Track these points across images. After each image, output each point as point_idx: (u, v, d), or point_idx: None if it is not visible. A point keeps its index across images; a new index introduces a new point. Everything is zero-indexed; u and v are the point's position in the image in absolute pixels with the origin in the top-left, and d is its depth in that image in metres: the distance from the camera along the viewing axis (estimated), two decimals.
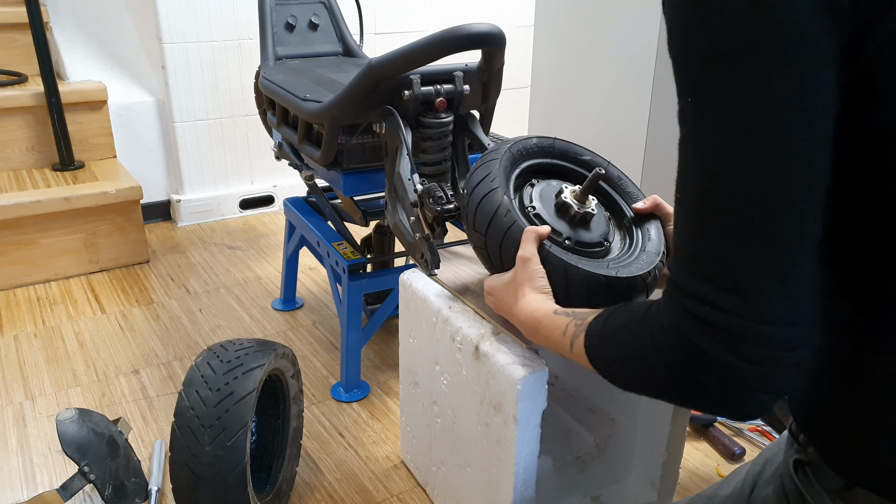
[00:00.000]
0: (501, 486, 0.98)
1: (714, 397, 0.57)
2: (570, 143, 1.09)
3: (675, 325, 0.57)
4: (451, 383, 1.06)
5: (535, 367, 0.91)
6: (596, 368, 0.70)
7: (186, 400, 1.02)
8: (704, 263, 0.55)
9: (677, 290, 0.57)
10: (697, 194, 0.55)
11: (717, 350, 0.55)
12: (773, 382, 0.55)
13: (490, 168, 1.00)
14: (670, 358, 0.58)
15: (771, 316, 0.53)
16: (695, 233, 0.56)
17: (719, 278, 0.54)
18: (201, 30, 2.25)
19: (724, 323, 0.54)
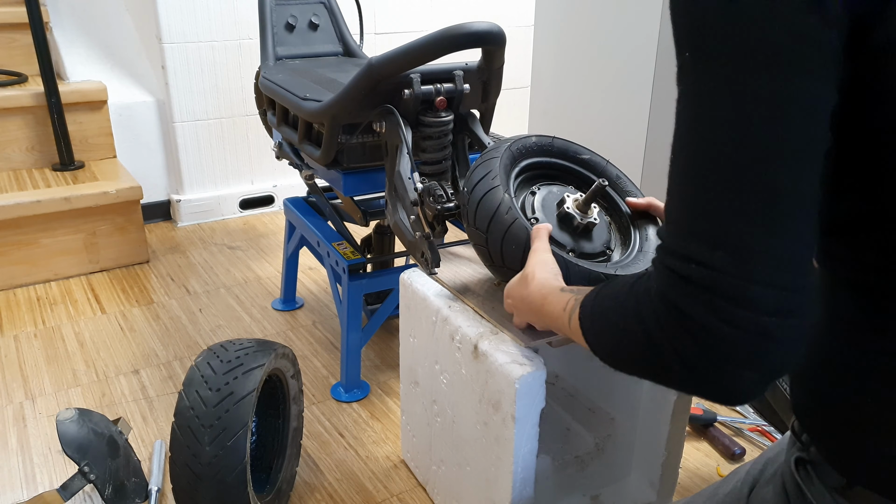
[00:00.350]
0: (500, 485, 0.98)
1: (696, 370, 0.53)
2: (569, 142, 1.09)
3: (660, 287, 0.54)
4: (451, 382, 1.06)
5: (534, 366, 0.91)
6: (586, 341, 0.67)
7: (186, 400, 1.02)
8: (693, 220, 0.52)
9: (664, 252, 0.55)
10: (691, 150, 0.53)
11: (698, 311, 0.51)
12: (761, 355, 0.50)
13: (491, 166, 1.00)
14: (651, 322, 0.55)
15: (760, 275, 0.49)
16: (686, 190, 0.54)
17: (707, 233, 0.51)
18: (201, 30, 2.25)
19: (708, 280, 0.50)
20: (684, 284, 0.52)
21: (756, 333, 0.50)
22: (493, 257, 0.99)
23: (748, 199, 0.50)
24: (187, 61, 2.27)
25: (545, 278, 0.87)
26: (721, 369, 0.52)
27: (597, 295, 0.67)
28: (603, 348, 0.65)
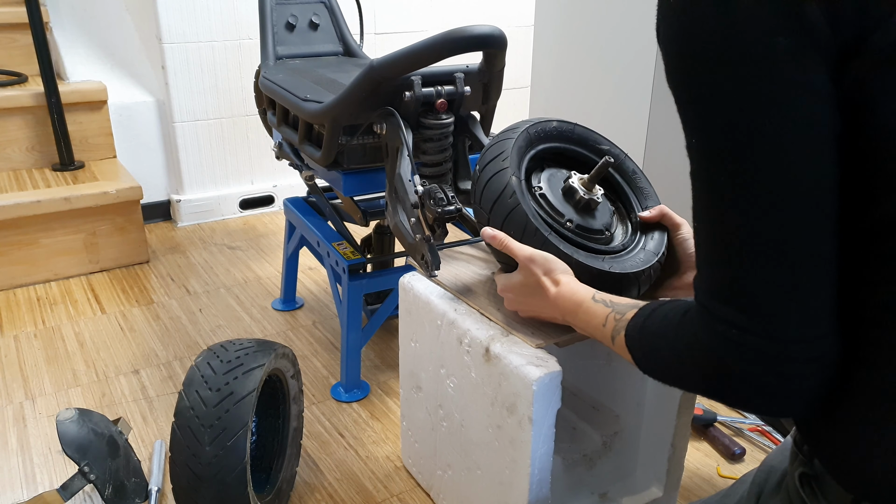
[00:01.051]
0: (515, 488, 0.97)
1: (751, 404, 0.60)
2: (591, 131, 1.10)
3: (708, 343, 0.60)
4: (459, 386, 1.06)
5: (550, 367, 0.90)
6: (640, 367, 0.73)
7: (186, 400, 1.02)
8: (725, 288, 0.58)
9: (705, 310, 0.60)
10: (712, 224, 0.58)
11: (746, 369, 0.57)
12: (803, 390, 0.58)
13: (504, 147, 1.01)
14: (707, 369, 0.61)
15: (794, 334, 0.56)
16: (713, 258, 0.59)
17: (741, 303, 0.57)
18: (201, 30, 2.25)
19: (750, 344, 0.56)
20: (729, 345, 0.58)
21: (797, 378, 0.57)
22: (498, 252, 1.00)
23: (774, 271, 0.55)
24: (187, 61, 2.27)
25: (571, 282, 0.90)
26: (772, 402, 0.59)
27: (642, 330, 0.72)
28: (663, 377, 0.70)
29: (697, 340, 0.61)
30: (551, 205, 1.00)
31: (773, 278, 0.55)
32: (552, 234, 0.95)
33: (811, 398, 0.59)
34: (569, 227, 0.99)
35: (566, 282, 0.90)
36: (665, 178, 2.03)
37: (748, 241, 0.55)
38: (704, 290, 0.60)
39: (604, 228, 1.02)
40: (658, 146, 2.29)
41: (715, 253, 0.58)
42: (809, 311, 0.56)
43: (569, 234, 0.98)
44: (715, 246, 0.58)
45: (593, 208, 1.02)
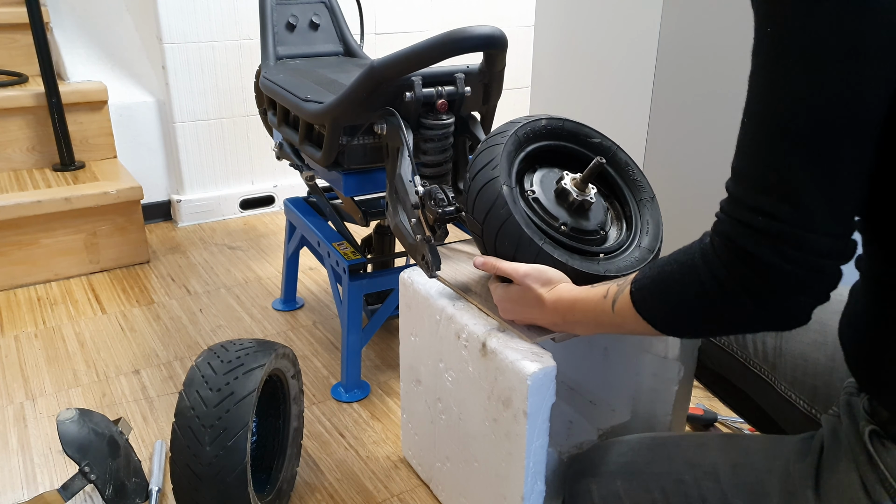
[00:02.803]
0: (511, 480, 0.99)
1: (766, 303, 0.63)
2: (581, 125, 1.09)
3: (727, 234, 0.64)
4: (457, 380, 1.07)
5: (545, 362, 0.91)
6: (641, 312, 0.74)
7: (187, 400, 1.02)
8: (763, 177, 0.61)
9: (732, 203, 0.64)
10: (765, 115, 0.61)
11: (767, 254, 0.61)
12: (816, 286, 0.62)
13: (493, 153, 1.00)
14: (718, 266, 0.65)
15: (820, 227, 0.60)
16: (757, 149, 0.62)
17: (776, 190, 0.60)
18: (202, 30, 2.25)
19: (776, 230, 0.60)
20: (753, 232, 0.62)
21: (814, 271, 0.61)
22: (487, 249, 1.00)
23: (816, 166, 0.59)
24: (188, 61, 2.27)
25: (566, 286, 0.90)
26: (784, 297, 0.63)
27: (650, 268, 0.75)
28: (664, 313, 0.73)
29: (712, 244, 0.65)
30: (545, 209, 1.00)
31: (815, 171, 0.59)
32: (546, 242, 0.95)
33: (816, 296, 0.63)
34: (563, 230, 0.99)
35: (562, 286, 0.91)
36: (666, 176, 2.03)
37: (798, 130, 0.58)
38: (737, 182, 0.64)
39: (598, 228, 1.02)
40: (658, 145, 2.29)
41: (760, 142, 0.61)
42: (840, 211, 0.60)
43: (563, 240, 0.98)
44: (761, 135, 0.61)
45: (587, 209, 1.02)
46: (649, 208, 1.06)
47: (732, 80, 1.84)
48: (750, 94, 0.62)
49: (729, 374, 1.01)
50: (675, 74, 2.18)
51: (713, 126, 1.96)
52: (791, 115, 0.59)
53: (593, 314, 0.83)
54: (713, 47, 2.04)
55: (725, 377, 1.03)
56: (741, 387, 1.00)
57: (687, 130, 2.17)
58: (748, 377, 0.97)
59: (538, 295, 0.91)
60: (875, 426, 0.66)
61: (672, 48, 2.16)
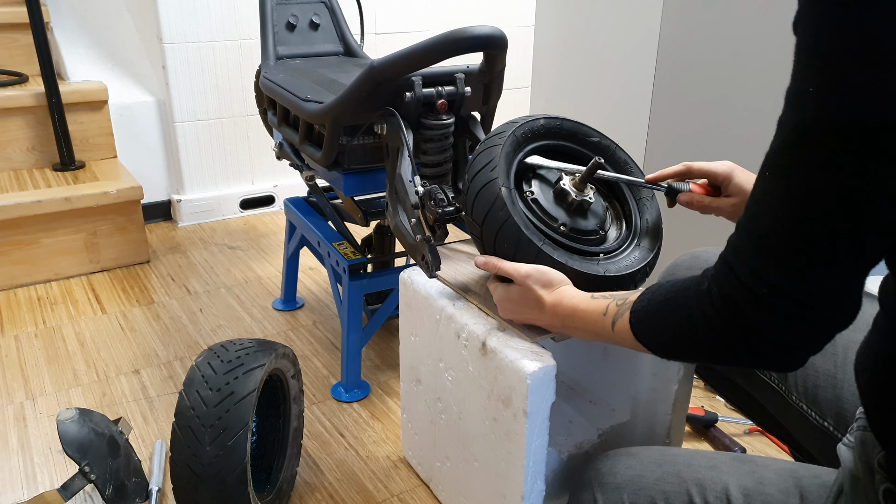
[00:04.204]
0: (511, 479, 0.99)
1: (757, 352, 0.63)
2: (580, 125, 1.09)
3: (727, 293, 0.62)
4: (457, 379, 1.07)
5: (544, 361, 0.92)
6: (640, 341, 0.75)
7: (187, 400, 1.02)
8: (777, 248, 0.59)
9: (738, 261, 0.62)
10: (791, 187, 0.57)
11: (766, 323, 0.60)
12: (814, 346, 0.62)
13: (492, 155, 1.00)
14: (716, 322, 0.64)
15: (827, 306, 0.58)
16: (777, 219, 0.59)
17: (786, 265, 0.58)
18: (202, 30, 2.25)
19: (779, 304, 0.59)
20: (755, 299, 0.60)
21: (815, 337, 0.61)
22: (487, 250, 1.00)
23: (835, 253, 0.56)
24: (188, 61, 2.27)
25: (568, 290, 0.91)
26: (781, 354, 0.62)
27: (650, 300, 0.75)
28: (664, 345, 0.73)
29: (710, 293, 0.64)
30: (544, 210, 1.00)
31: (831, 256, 0.57)
32: (545, 243, 0.95)
33: (814, 351, 0.63)
34: (562, 231, 0.99)
35: (563, 289, 0.91)
36: None
37: (825, 216, 0.56)
38: (749, 242, 0.61)
39: (597, 228, 1.02)
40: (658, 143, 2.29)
41: (782, 214, 0.58)
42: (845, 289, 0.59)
43: (562, 240, 0.98)
44: (785, 207, 0.58)
45: (586, 209, 1.01)
46: (649, 207, 1.06)
47: (732, 80, 1.84)
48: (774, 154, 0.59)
49: (736, 377, 1.00)
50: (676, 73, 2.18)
51: (713, 125, 1.96)
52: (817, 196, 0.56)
53: (592, 327, 0.84)
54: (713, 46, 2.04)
55: (732, 379, 1.02)
56: (749, 390, 0.99)
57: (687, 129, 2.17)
58: (756, 382, 0.96)
59: (538, 296, 0.91)
60: (890, 484, 0.64)
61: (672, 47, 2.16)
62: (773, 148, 0.59)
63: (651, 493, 0.77)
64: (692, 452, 0.82)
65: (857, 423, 0.70)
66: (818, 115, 0.54)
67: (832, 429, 0.86)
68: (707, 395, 1.54)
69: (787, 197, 0.58)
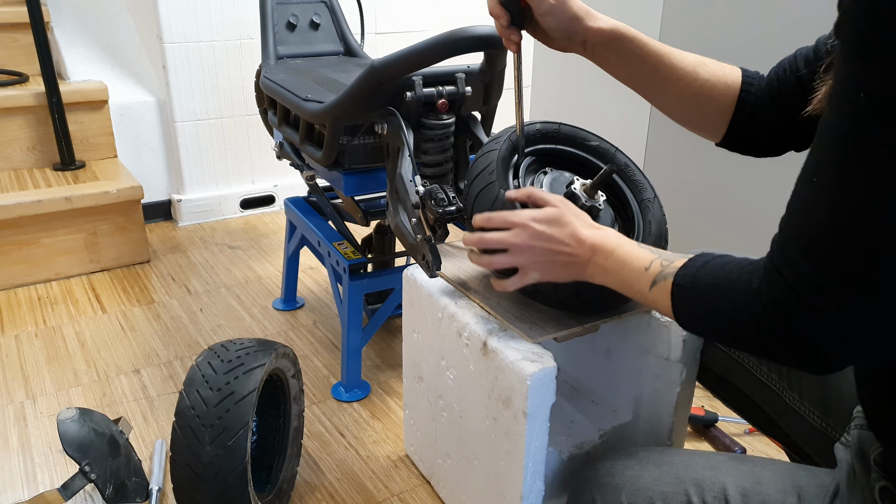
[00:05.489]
0: (510, 479, 0.99)
1: (798, 359, 0.61)
2: (577, 129, 1.09)
3: (774, 294, 0.60)
4: (458, 378, 1.07)
5: (545, 363, 0.92)
6: (676, 315, 0.73)
7: (187, 399, 1.02)
8: (823, 248, 0.57)
9: (784, 262, 0.60)
10: (839, 182, 0.55)
11: (810, 326, 0.58)
12: (854, 357, 0.60)
13: (489, 159, 1.00)
14: (764, 322, 0.62)
15: (870, 309, 0.56)
16: (823, 217, 0.57)
17: (833, 266, 0.56)
18: (202, 29, 2.25)
19: (825, 306, 0.57)
20: (800, 301, 0.58)
21: (855, 345, 0.58)
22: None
23: (881, 252, 0.54)
24: (188, 61, 2.27)
25: (614, 232, 0.85)
26: (820, 360, 0.60)
27: (695, 278, 0.71)
28: (702, 329, 0.71)
29: (760, 292, 0.62)
30: None
31: (878, 255, 0.55)
32: None
33: (853, 362, 0.61)
34: None
35: (608, 231, 0.85)
36: (666, 177, 2.03)
37: (873, 215, 0.54)
38: (795, 242, 0.59)
39: None
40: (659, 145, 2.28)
41: (829, 210, 0.56)
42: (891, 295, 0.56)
43: None
44: (833, 203, 0.56)
45: (595, 215, 1.01)
46: (651, 209, 1.06)
47: None
48: (823, 147, 0.57)
49: (733, 379, 1.00)
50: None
51: None
52: (866, 191, 0.54)
53: (627, 277, 0.79)
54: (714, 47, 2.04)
55: (729, 380, 1.02)
56: (746, 391, 0.99)
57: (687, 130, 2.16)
58: (754, 384, 0.96)
59: (572, 223, 0.85)
60: (886, 482, 0.64)
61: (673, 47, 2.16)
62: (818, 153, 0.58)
63: (649, 494, 0.77)
64: (690, 453, 0.82)
65: (854, 423, 0.70)
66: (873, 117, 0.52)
67: (829, 429, 0.86)
68: (707, 395, 1.54)
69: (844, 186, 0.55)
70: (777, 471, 0.75)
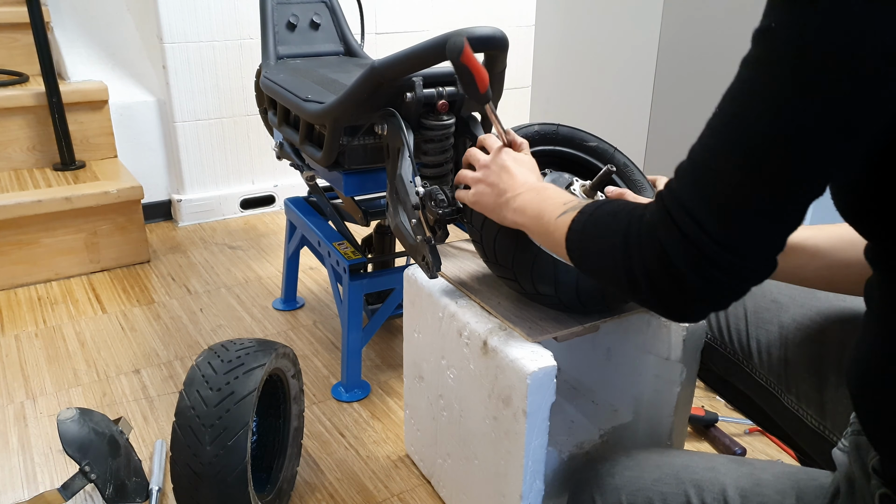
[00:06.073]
0: (510, 479, 0.99)
1: (658, 296, 0.62)
2: (576, 129, 1.09)
3: (654, 222, 0.61)
4: (458, 377, 1.08)
5: (545, 362, 0.92)
6: (567, 240, 0.75)
7: (187, 399, 1.02)
8: (709, 181, 0.57)
9: (670, 194, 0.60)
10: (735, 115, 0.56)
11: (681, 260, 0.59)
12: (718, 301, 0.61)
13: None
14: (634, 246, 0.63)
15: (747, 253, 0.57)
16: (714, 150, 0.58)
17: (715, 201, 0.57)
18: (202, 29, 2.25)
19: (696, 238, 0.57)
20: (677, 233, 0.59)
21: (722, 289, 0.59)
22: (486, 254, 1.00)
23: (760, 183, 0.55)
24: (188, 61, 2.27)
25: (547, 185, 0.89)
26: (682, 301, 0.61)
27: (598, 207, 0.73)
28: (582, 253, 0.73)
29: (643, 219, 0.63)
30: None
31: (761, 195, 0.55)
32: None
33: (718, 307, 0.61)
34: None
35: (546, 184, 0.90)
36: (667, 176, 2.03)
37: (760, 148, 0.54)
38: (684, 175, 0.60)
39: None
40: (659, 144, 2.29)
41: (719, 144, 0.57)
42: (769, 240, 0.57)
43: None
44: (723, 137, 0.57)
45: None
46: None
47: None
48: (732, 84, 0.57)
49: (734, 381, 1.01)
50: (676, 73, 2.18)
51: None
52: (756, 124, 0.54)
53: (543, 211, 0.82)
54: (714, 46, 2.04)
55: (730, 381, 1.02)
56: (747, 393, 0.99)
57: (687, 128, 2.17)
58: (753, 386, 0.96)
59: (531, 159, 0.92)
60: (886, 490, 0.63)
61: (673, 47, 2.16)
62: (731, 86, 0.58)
63: (649, 494, 0.77)
64: (690, 454, 0.82)
65: (851, 428, 0.70)
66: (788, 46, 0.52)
67: (827, 431, 0.86)
68: (707, 395, 1.54)
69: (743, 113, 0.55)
70: (776, 473, 0.75)
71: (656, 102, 2.27)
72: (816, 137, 0.52)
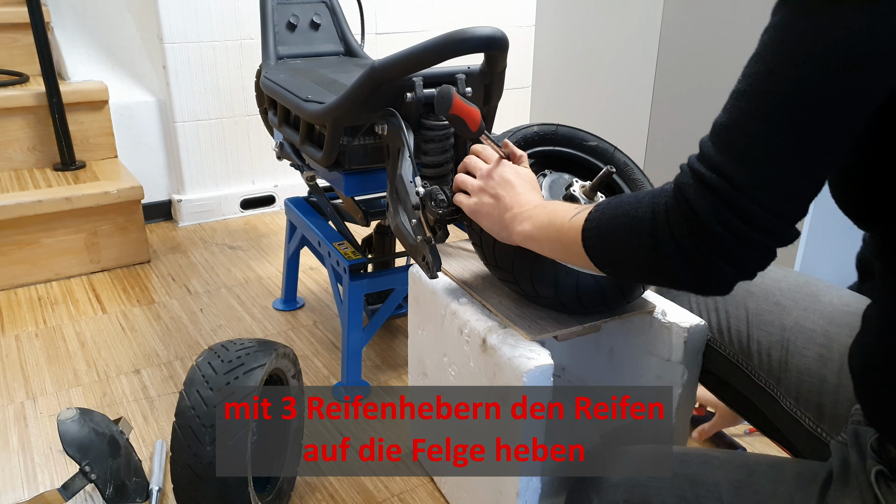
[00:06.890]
0: (507, 477, 0.99)
1: (687, 264, 0.63)
2: (575, 129, 1.09)
3: (681, 184, 0.63)
4: (459, 374, 1.08)
5: (542, 360, 0.92)
6: (584, 237, 0.75)
7: (187, 399, 1.02)
8: (734, 139, 0.60)
9: (696, 158, 0.63)
10: (760, 77, 0.59)
11: (707, 214, 0.60)
12: (743, 260, 0.62)
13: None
14: (661, 212, 0.64)
15: (769, 202, 0.59)
16: (740, 110, 0.60)
17: (740, 152, 0.59)
18: (202, 30, 2.26)
19: (724, 192, 0.59)
20: (704, 188, 0.61)
21: (748, 244, 0.60)
22: (486, 256, 1.00)
23: (786, 137, 0.58)
24: (188, 61, 2.27)
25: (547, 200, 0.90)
26: (711, 261, 0.62)
27: (615, 198, 0.74)
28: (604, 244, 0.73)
29: (666, 190, 0.65)
30: None
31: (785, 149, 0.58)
32: None
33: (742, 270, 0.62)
34: None
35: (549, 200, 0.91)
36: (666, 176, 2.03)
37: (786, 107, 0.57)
38: (710, 136, 0.62)
39: None
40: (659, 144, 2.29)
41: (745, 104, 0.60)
42: (794, 193, 0.59)
43: None
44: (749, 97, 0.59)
45: None
46: None
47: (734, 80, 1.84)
48: (756, 51, 0.60)
49: (734, 382, 1.01)
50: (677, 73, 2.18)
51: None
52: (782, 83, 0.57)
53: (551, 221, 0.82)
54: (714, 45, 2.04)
55: (730, 384, 1.02)
56: (747, 395, 0.99)
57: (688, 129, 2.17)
58: (752, 388, 0.96)
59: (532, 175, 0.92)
60: (882, 466, 0.64)
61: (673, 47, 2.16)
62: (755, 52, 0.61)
63: (645, 491, 0.77)
64: (685, 449, 0.82)
65: (851, 419, 0.71)
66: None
67: (825, 435, 0.86)
68: None
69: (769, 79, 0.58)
70: (769, 462, 0.76)
71: (656, 102, 2.27)
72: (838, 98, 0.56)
